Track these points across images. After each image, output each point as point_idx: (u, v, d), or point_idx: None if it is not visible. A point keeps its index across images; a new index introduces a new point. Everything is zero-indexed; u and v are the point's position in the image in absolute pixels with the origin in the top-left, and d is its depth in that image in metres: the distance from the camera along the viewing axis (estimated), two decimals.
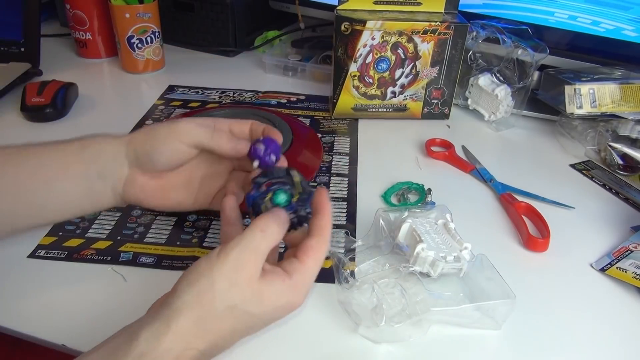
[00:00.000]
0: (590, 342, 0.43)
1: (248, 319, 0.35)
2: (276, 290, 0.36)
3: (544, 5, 0.73)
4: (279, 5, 0.94)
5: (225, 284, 0.34)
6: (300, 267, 0.37)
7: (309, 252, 0.38)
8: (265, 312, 0.36)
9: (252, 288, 0.35)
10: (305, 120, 0.74)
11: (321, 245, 0.38)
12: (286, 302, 0.37)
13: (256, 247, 0.35)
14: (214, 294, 0.34)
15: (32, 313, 0.43)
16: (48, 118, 0.71)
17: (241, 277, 0.34)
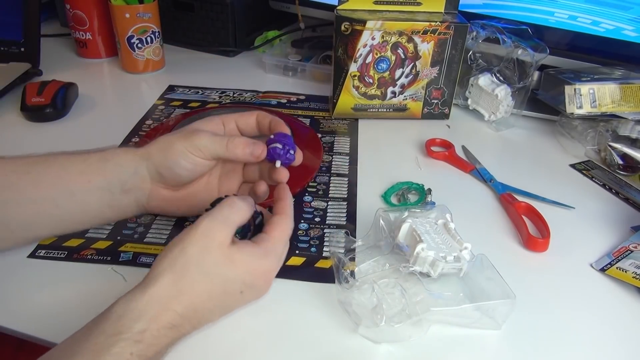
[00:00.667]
0: (590, 342, 0.43)
1: (222, 282, 0.38)
2: (246, 254, 0.39)
3: (544, 5, 0.73)
4: (279, 5, 0.94)
5: (196, 249, 0.37)
6: (266, 236, 0.41)
7: (273, 225, 0.41)
8: (238, 275, 0.38)
9: (223, 252, 0.37)
10: (305, 120, 0.74)
11: (285, 220, 0.42)
12: (258, 266, 0.39)
13: (225, 217, 0.38)
14: (186, 258, 0.36)
15: (32, 313, 0.43)
16: (48, 118, 0.71)
17: (211, 243, 0.37)
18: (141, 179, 0.45)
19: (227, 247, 0.38)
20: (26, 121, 0.71)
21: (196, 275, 0.36)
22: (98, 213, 0.46)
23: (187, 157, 0.44)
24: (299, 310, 0.45)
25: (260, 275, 0.40)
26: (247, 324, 0.43)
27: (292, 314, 0.44)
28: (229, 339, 0.42)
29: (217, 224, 0.38)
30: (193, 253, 0.37)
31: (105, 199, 0.45)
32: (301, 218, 0.55)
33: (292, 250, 0.51)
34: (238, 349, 0.41)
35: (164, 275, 0.36)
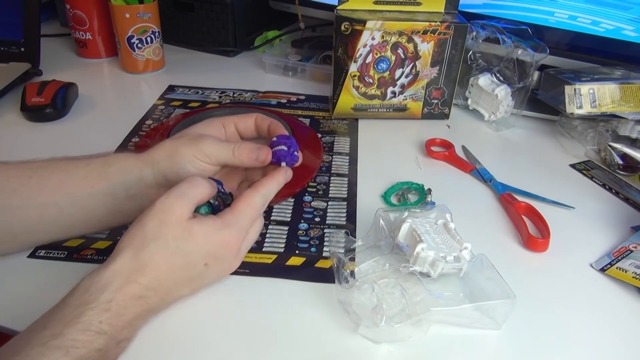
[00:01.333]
0: (590, 342, 0.43)
1: (183, 254, 0.38)
2: (206, 226, 0.39)
3: (544, 5, 0.73)
4: (279, 5, 0.94)
5: (154, 223, 0.38)
6: (229, 209, 0.41)
7: (240, 199, 0.42)
8: (198, 246, 0.39)
9: (181, 225, 0.38)
10: (305, 120, 0.74)
11: (252, 194, 0.42)
12: (219, 237, 0.39)
13: (182, 192, 0.39)
14: (144, 233, 0.37)
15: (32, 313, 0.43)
16: (48, 118, 0.71)
17: (169, 216, 0.38)
18: (146, 185, 0.45)
19: (186, 220, 0.38)
20: (26, 121, 0.71)
21: (155, 248, 0.37)
22: (102, 218, 0.46)
23: (194, 162, 0.44)
24: (299, 310, 0.45)
25: (222, 246, 0.40)
26: (247, 323, 0.43)
27: (292, 314, 0.44)
28: (229, 339, 0.42)
29: (173, 198, 0.38)
30: (151, 227, 0.37)
31: (109, 204, 0.45)
32: (301, 218, 0.55)
33: (292, 250, 0.51)
34: (238, 348, 0.41)
35: (125, 250, 0.37)
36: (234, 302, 0.45)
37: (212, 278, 0.42)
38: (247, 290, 0.46)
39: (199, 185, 0.40)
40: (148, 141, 0.64)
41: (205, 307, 0.44)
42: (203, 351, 0.41)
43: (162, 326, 0.42)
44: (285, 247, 0.51)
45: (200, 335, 0.42)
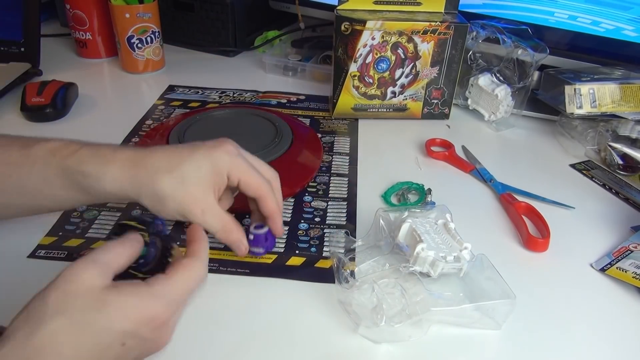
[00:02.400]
0: (590, 342, 0.43)
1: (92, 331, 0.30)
2: (124, 296, 0.31)
3: (544, 5, 0.73)
4: (279, 5, 0.95)
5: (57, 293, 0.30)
6: (164, 278, 0.34)
7: (178, 268, 0.35)
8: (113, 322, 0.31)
9: (93, 296, 0.31)
10: (305, 120, 0.74)
11: (195, 263, 0.36)
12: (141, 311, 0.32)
13: (94, 258, 0.32)
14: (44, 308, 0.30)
15: None
16: (48, 118, 0.71)
17: (77, 285, 0.31)
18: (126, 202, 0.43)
19: (100, 289, 0.31)
20: (26, 121, 0.71)
21: (57, 326, 0.29)
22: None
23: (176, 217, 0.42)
24: (299, 310, 0.45)
25: (144, 322, 0.32)
26: (247, 324, 0.43)
27: (292, 314, 0.44)
28: (229, 339, 0.42)
29: (83, 264, 0.32)
30: (53, 300, 0.30)
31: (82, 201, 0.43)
32: (301, 218, 0.55)
33: (292, 250, 0.51)
34: (238, 349, 0.41)
35: (17, 331, 0.29)
36: (234, 302, 0.45)
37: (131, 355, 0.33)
38: (247, 290, 0.46)
39: (114, 249, 0.34)
40: (148, 141, 0.64)
41: (205, 307, 0.44)
42: (203, 351, 0.41)
43: None
44: (285, 247, 0.51)
45: (200, 335, 0.42)
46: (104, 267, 0.32)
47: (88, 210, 0.54)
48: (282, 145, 0.61)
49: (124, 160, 0.41)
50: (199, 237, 0.38)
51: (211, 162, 0.42)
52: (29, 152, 0.42)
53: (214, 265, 0.48)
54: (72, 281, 0.31)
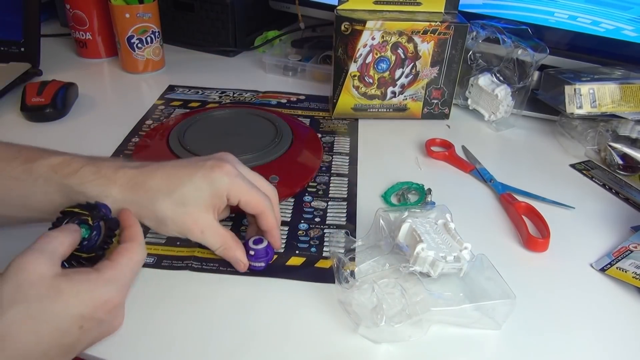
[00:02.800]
0: (590, 342, 0.43)
1: (49, 318, 0.32)
2: (77, 282, 0.34)
3: (544, 5, 0.73)
4: (279, 5, 0.95)
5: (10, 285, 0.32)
6: (109, 263, 0.37)
7: (121, 252, 0.38)
8: (69, 307, 0.33)
9: (46, 284, 0.32)
10: (305, 120, 0.74)
11: (134, 247, 0.38)
12: (95, 296, 0.34)
13: (40, 248, 0.34)
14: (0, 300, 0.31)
15: None
16: (48, 118, 0.71)
17: (29, 275, 0.32)
18: None
19: (51, 278, 0.33)
20: (26, 121, 0.71)
21: (15, 315, 0.31)
22: None
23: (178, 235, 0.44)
24: (299, 310, 0.45)
25: (99, 306, 0.34)
26: (247, 323, 0.43)
27: (292, 314, 0.44)
28: (229, 339, 0.42)
29: (29, 255, 0.33)
30: (7, 291, 0.31)
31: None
32: (301, 218, 0.55)
33: (292, 250, 0.51)
34: (238, 349, 0.41)
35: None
36: (234, 302, 0.45)
37: (91, 341, 0.36)
38: (247, 290, 0.46)
39: (57, 237, 0.36)
40: (148, 141, 0.64)
41: (205, 308, 0.44)
42: (203, 351, 0.41)
43: (161, 327, 0.42)
44: (285, 247, 0.51)
45: (200, 335, 0.42)
46: (51, 255, 0.34)
47: None
48: (282, 145, 0.61)
49: (124, 182, 0.42)
50: (132, 221, 0.40)
51: (210, 185, 0.43)
52: (31, 168, 0.42)
53: (214, 265, 0.48)
54: (23, 271, 0.32)
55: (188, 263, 0.48)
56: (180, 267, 0.48)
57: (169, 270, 0.48)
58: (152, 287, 0.46)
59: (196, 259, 0.49)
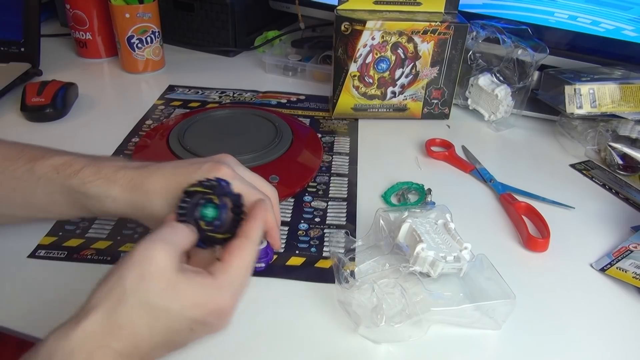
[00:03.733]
0: (590, 342, 0.43)
1: (165, 315, 0.32)
2: (195, 286, 0.33)
3: (544, 5, 0.73)
4: (279, 5, 0.94)
5: (134, 277, 0.32)
6: (223, 266, 0.35)
7: (233, 252, 0.36)
8: (184, 309, 0.33)
9: (166, 279, 0.32)
10: (305, 120, 0.74)
11: (246, 245, 0.36)
12: (210, 302, 0.34)
13: (164, 238, 0.34)
14: (123, 288, 0.32)
15: (32, 313, 0.43)
16: (48, 118, 0.71)
17: (151, 268, 0.32)
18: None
19: (172, 273, 0.33)
20: (26, 121, 0.71)
21: (134, 306, 0.32)
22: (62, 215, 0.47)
23: None
24: (299, 310, 0.45)
25: (211, 313, 0.34)
26: (247, 324, 0.43)
27: (292, 314, 0.44)
28: (229, 339, 0.42)
29: (155, 244, 0.33)
30: (131, 282, 0.32)
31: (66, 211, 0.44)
32: (301, 218, 0.55)
33: (292, 250, 0.51)
34: (238, 349, 0.41)
35: (99, 307, 0.31)
36: None
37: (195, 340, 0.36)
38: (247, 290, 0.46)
39: (182, 231, 0.36)
40: (148, 141, 0.64)
41: None
42: (204, 351, 0.41)
43: None
44: (285, 247, 0.51)
45: None
46: (175, 247, 0.34)
47: None
48: (282, 145, 0.61)
49: (125, 183, 0.42)
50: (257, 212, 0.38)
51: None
52: (33, 168, 0.43)
53: None
54: (147, 261, 0.32)
55: None
56: None
57: None
58: None
59: None
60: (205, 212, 0.37)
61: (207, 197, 0.38)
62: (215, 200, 0.38)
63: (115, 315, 0.31)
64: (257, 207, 0.39)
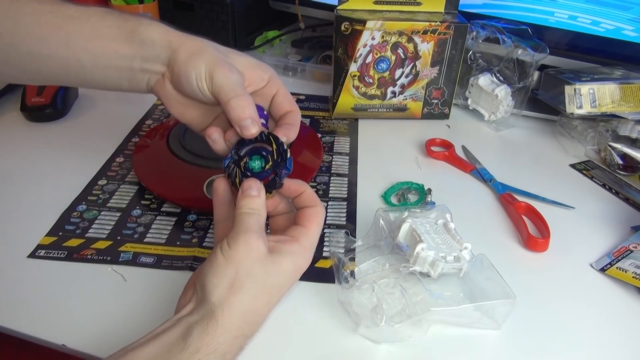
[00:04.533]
0: (590, 342, 0.43)
1: (276, 290, 0.38)
2: (288, 255, 0.38)
3: (544, 5, 0.73)
4: (279, 5, 0.94)
5: (246, 267, 0.36)
6: (305, 231, 0.40)
7: (311, 218, 0.41)
8: (286, 276, 0.38)
9: (270, 260, 0.37)
10: (305, 120, 0.74)
11: (320, 212, 0.41)
12: (299, 265, 0.39)
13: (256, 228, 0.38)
14: (242, 279, 0.36)
15: (32, 313, 0.43)
16: (48, 118, 0.71)
17: (256, 256, 0.36)
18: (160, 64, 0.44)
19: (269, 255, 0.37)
20: (26, 121, 0.71)
21: (256, 292, 0.36)
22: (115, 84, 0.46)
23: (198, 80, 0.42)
24: (298, 310, 0.45)
25: (299, 273, 0.40)
26: None
27: (292, 314, 0.44)
28: None
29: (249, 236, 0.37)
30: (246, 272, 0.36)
31: (125, 73, 0.44)
32: None
33: None
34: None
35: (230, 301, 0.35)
36: None
37: None
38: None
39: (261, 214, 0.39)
40: (148, 141, 0.64)
41: None
42: None
43: None
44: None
45: None
46: (262, 232, 0.38)
47: (88, 210, 0.55)
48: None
49: None
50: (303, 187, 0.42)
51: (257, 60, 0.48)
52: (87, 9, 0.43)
53: None
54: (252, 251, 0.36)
55: (188, 263, 0.48)
56: (180, 267, 0.48)
57: (169, 271, 0.48)
58: (152, 287, 0.46)
59: (196, 259, 0.49)
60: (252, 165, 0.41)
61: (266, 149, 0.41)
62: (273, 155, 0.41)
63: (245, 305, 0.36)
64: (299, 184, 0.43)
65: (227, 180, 0.42)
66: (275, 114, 0.47)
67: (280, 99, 0.47)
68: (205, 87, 0.42)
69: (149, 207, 0.56)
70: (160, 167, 0.59)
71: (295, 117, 0.45)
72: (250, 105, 0.42)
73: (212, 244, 0.51)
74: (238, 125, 0.41)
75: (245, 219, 0.38)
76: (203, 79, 0.42)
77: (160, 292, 0.46)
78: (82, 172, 0.60)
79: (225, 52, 0.47)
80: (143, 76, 0.44)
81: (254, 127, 0.41)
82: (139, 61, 0.43)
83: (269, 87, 0.47)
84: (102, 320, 0.43)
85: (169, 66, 0.43)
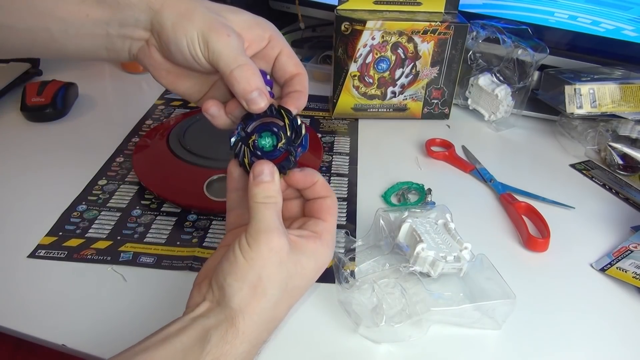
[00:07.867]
0: (590, 342, 0.43)
1: (297, 292, 0.36)
2: (311, 254, 0.36)
3: (544, 5, 0.73)
4: (279, 5, 0.94)
5: (268, 271, 0.34)
6: (326, 225, 0.38)
7: (330, 211, 0.39)
8: (308, 279, 0.37)
9: (292, 260, 0.35)
10: (305, 120, 0.74)
11: (335, 202, 0.40)
12: (321, 266, 0.37)
13: (277, 226, 0.35)
14: (264, 286, 0.34)
15: (32, 313, 0.43)
16: (48, 118, 0.71)
17: (278, 260, 0.34)
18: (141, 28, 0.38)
19: (291, 253, 0.35)
20: (26, 121, 0.71)
21: (278, 296, 0.34)
22: (92, 54, 0.40)
23: (190, 47, 0.36)
24: (298, 310, 0.45)
25: (322, 269, 0.38)
26: None
27: (292, 314, 0.44)
28: None
29: (270, 234, 0.34)
30: (269, 275, 0.34)
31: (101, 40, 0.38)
32: None
33: None
34: None
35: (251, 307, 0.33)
36: None
37: None
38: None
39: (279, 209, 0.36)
40: (148, 141, 0.64)
41: None
42: None
43: None
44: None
45: None
46: (279, 227, 0.35)
47: (88, 210, 0.55)
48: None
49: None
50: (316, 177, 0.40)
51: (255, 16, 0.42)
52: None
53: None
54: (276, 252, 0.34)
55: (188, 263, 0.48)
56: (180, 267, 0.48)
57: (169, 271, 0.48)
58: (152, 287, 0.46)
59: (196, 259, 0.49)
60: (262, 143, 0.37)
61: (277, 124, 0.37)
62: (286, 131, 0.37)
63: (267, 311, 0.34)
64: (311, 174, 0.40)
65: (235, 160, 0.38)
66: (280, 78, 0.41)
67: (284, 59, 0.41)
68: (200, 56, 0.37)
69: (149, 207, 0.56)
70: (160, 167, 0.59)
71: (302, 81, 0.40)
72: (256, 75, 0.36)
73: (212, 244, 0.51)
74: (244, 99, 0.36)
75: (263, 211, 0.35)
76: (197, 46, 0.36)
77: (160, 292, 0.46)
78: (82, 172, 0.60)
79: (217, 11, 0.39)
80: (123, 43, 0.39)
81: (262, 100, 0.36)
82: (116, 26, 0.37)
83: (271, 47, 0.42)
84: (102, 320, 0.43)
85: (152, 32, 0.38)
